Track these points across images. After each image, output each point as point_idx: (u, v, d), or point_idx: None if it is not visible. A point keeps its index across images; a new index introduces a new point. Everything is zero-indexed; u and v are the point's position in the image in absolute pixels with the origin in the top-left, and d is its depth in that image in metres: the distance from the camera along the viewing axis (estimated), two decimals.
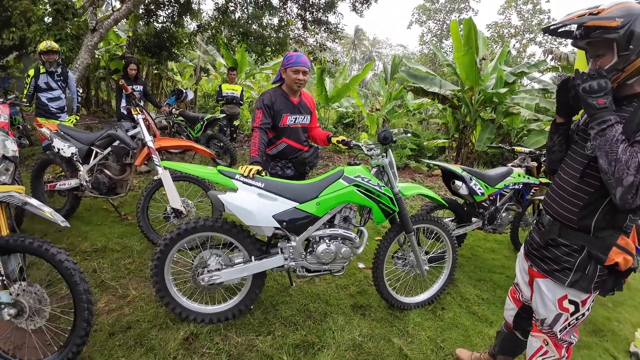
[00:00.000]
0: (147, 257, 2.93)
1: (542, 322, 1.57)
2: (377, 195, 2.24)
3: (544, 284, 1.53)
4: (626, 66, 1.28)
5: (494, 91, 7.94)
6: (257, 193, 2.07)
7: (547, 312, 1.53)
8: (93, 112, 10.60)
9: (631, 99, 1.34)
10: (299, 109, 2.57)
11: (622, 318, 3.06)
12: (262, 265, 2.13)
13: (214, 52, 13.08)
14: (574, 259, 1.43)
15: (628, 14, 1.24)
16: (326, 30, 8.54)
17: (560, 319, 1.50)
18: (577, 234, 1.43)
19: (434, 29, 30.45)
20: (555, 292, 1.49)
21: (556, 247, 1.49)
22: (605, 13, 1.27)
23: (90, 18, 6.15)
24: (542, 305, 1.54)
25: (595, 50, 1.35)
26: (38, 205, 1.67)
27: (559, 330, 1.53)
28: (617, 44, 1.26)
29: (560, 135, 1.59)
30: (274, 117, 2.47)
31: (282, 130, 2.52)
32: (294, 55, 2.41)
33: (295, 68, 2.40)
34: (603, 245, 1.38)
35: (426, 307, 2.69)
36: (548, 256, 1.52)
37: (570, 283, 1.43)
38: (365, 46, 40.09)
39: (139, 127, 3.26)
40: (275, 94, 2.50)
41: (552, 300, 1.50)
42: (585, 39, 1.33)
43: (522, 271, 1.74)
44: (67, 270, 1.67)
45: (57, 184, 3.41)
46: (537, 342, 1.61)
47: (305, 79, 2.45)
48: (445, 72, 16.27)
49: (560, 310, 1.49)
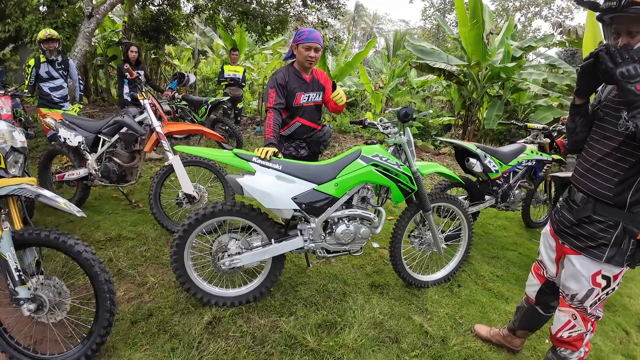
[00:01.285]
0: (162, 243, 2.94)
1: (572, 297, 1.57)
2: (395, 175, 2.20)
3: (578, 260, 1.52)
4: None
5: (502, 66, 7.76)
6: (275, 175, 2.03)
7: (579, 288, 1.53)
8: (93, 100, 10.46)
9: None
10: (312, 86, 2.51)
11: (633, 293, 3.08)
12: (282, 248, 2.13)
13: (212, 33, 12.78)
14: (609, 235, 1.42)
15: None
16: (327, 7, 8.27)
17: (592, 294, 1.51)
18: (612, 209, 1.42)
19: (437, 3, 29.58)
20: (590, 268, 1.48)
21: (591, 224, 1.48)
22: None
23: (85, 4, 5.98)
24: (575, 281, 1.54)
25: (627, 26, 1.28)
26: (52, 197, 1.63)
27: (589, 305, 1.54)
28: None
29: (582, 116, 1.55)
30: (288, 96, 2.41)
31: (295, 109, 2.47)
32: (306, 31, 2.33)
33: (307, 44, 2.32)
34: (637, 219, 1.38)
35: (443, 285, 2.70)
36: (582, 233, 1.51)
37: (607, 259, 1.43)
38: (366, 22, 39.10)
39: (146, 113, 3.19)
40: (288, 72, 2.43)
41: (586, 276, 1.49)
42: (619, 12, 1.25)
43: (548, 248, 1.73)
44: (87, 261, 1.63)
45: (65, 174, 3.38)
46: (565, 316, 1.62)
47: (317, 56, 2.38)
48: (449, 48, 15.91)
49: (593, 286, 1.49)
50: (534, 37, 9.33)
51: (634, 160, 1.35)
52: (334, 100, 2.50)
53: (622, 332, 2.53)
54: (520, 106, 9.32)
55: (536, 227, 4.21)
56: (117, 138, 3.27)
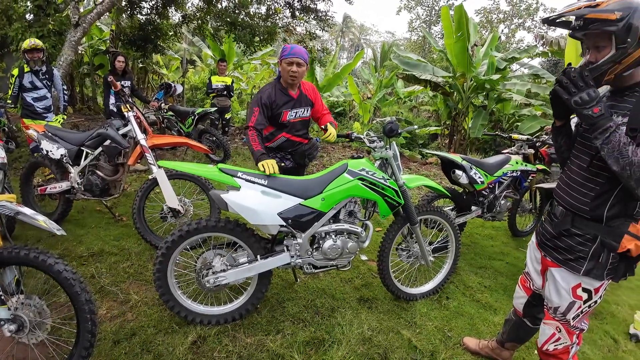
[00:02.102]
0: (146, 259, 2.87)
1: (555, 310, 1.58)
2: (382, 189, 2.20)
3: (558, 273, 1.54)
4: (623, 58, 1.29)
5: (486, 77, 7.94)
6: (260, 190, 2.01)
7: (560, 301, 1.54)
8: (79, 109, 10.30)
9: (633, 88, 1.36)
10: (299, 102, 2.51)
11: (620, 301, 3.12)
12: (268, 264, 2.09)
13: (200, 43, 12.77)
14: (587, 248, 1.45)
15: (627, 7, 1.26)
16: (315, 19, 8.36)
17: (573, 306, 1.52)
18: (589, 223, 1.45)
19: (423, 15, 30.25)
20: (570, 280, 1.50)
21: (569, 237, 1.50)
22: (604, 6, 1.28)
23: (72, 13, 5.92)
24: (556, 294, 1.55)
25: (594, 41, 1.35)
26: (31, 215, 1.59)
27: (572, 318, 1.55)
28: (616, 36, 1.27)
29: (564, 136, 1.60)
30: (273, 115, 2.41)
31: (282, 125, 2.48)
32: (289, 47, 2.36)
33: (288, 60, 2.34)
34: (615, 233, 1.40)
35: (431, 297, 2.69)
36: (562, 246, 1.53)
37: (585, 272, 1.45)
38: (354, 34, 39.68)
39: (130, 125, 3.15)
40: (274, 89, 2.44)
41: (566, 288, 1.51)
42: (583, 31, 1.33)
43: (533, 260, 1.75)
44: (67, 281, 1.59)
45: (47, 187, 3.30)
46: (549, 329, 1.62)
47: (300, 70, 2.38)
48: (435, 59, 16.22)
49: (574, 298, 1.50)
50: (517, 49, 9.59)
51: (607, 174, 1.39)
52: (325, 140, 2.49)
53: (611, 340, 2.55)
54: (505, 116, 9.52)
55: (522, 236, 4.26)
56: (100, 151, 3.21)
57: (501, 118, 9.59)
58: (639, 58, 1.30)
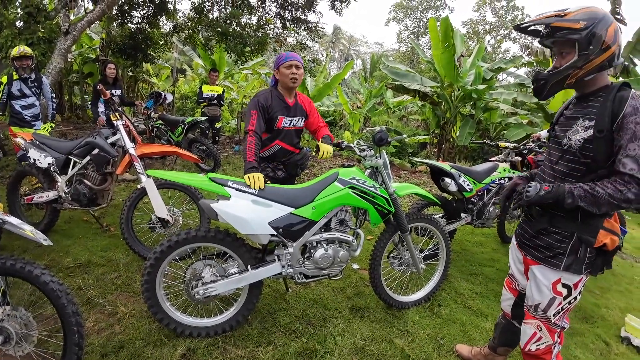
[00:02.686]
0: (134, 270, 2.82)
1: (535, 307, 1.62)
2: (372, 197, 2.21)
3: (538, 270, 1.59)
4: (585, 64, 1.40)
5: (473, 87, 8.10)
6: (251, 200, 2.00)
7: (541, 297, 1.58)
8: (67, 117, 10.16)
9: (596, 93, 1.46)
10: (294, 111, 2.53)
11: (610, 304, 3.17)
12: (259, 274, 2.07)
13: (191, 52, 12.77)
14: (565, 244, 1.51)
15: (591, 18, 1.38)
16: (306, 29, 8.46)
17: (554, 302, 1.56)
18: (566, 221, 1.51)
19: (411, 27, 30.87)
20: (550, 276, 1.55)
21: (548, 235, 1.56)
22: (570, 16, 1.40)
23: (62, 21, 5.88)
24: (537, 291, 1.59)
25: (560, 48, 1.47)
26: (18, 224, 1.56)
27: (552, 314, 1.58)
28: (578, 44, 1.38)
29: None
30: (269, 119, 2.42)
31: (276, 132, 2.48)
32: (284, 54, 2.41)
33: (287, 63, 2.39)
34: (591, 229, 1.47)
35: (423, 305, 2.70)
36: (541, 244, 1.58)
37: (565, 267, 1.51)
38: (343, 44, 40.18)
39: (119, 134, 3.11)
40: (271, 94, 2.45)
41: (546, 284, 1.56)
42: (550, 38, 1.45)
43: (516, 261, 1.80)
44: (54, 292, 1.57)
45: (34, 196, 3.23)
46: (530, 328, 1.65)
47: (300, 72, 2.43)
48: (423, 70, 16.52)
49: (554, 294, 1.55)
50: (503, 59, 9.82)
51: (577, 174, 1.48)
52: (321, 158, 2.47)
53: (602, 344, 2.58)
54: (492, 124, 9.70)
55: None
56: (88, 160, 3.17)
57: (488, 126, 9.77)
58: (600, 64, 1.40)
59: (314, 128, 2.66)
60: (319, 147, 2.44)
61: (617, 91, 1.41)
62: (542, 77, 1.48)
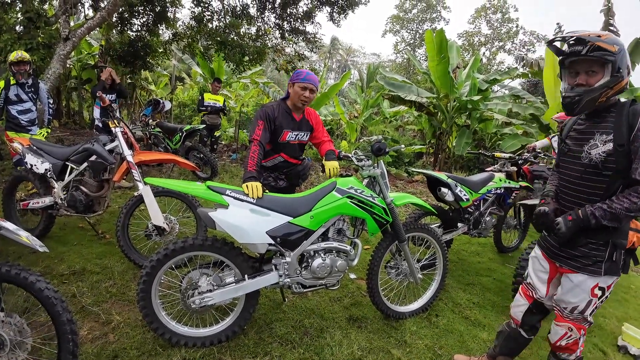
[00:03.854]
0: (129, 278, 2.79)
1: (572, 310, 1.70)
2: (370, 207, 2.22)
3: (577, 277, 1.67)
4: (615, 84, 1.51)
5: (468, 98, 8.20)
6: (249, 209, 2.00)
7: (580, 301, 1.67)
8: (64, 123, 10.14)
9: (608, 110, 1.59)
10: (300, 126, 2.57)
11: (607, 313, 3.18)
12: (256, 284, 2.06)
13: (190, 60, 12.83)
14: (603, 252, 1.60)
15: (621, 44, 1.51)
16: (304, 40, 8.55)
17: (591, 304, 1.67)
18: (600, 230, 1.59)
19: (408, 38, 31.30)
20: (589, 282, 1.64)
21: (584, 246, 1.64)
22: (606, 38, 1.51)
23: (62, 27, 5.91)
24: (574, 296, 1.68)
25: (588, 66, 1.55)
26: (14, 230, 1.56)
27: (589, 314, 1.69)
28: (612, 65, 1.50)
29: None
30: (274, 131, 2.45)
31: (281, 145, 2.52)
32: (304, 72, 2.42)
33: (303, 84, 2.40)
34: (621, 233, 1.58)
35: (421, 315, 2.69)
36: (577, 255, 1.66)
37: (604, 272, 1.61)
38: (341, 55, 40.60)
39: (117, 141, 3.11)
40: (279, 107, 2.48)
41: (585, 290, 1.65)
42: (585, 56, 1.52)
43: (538, 271, 1.87)
44: (49, 300, 1.56)
45: (30, 202, 3.21)
46: (562, 329, 1.75)
47: (312, 97, 2.45)
48: (420, 80, 16.71)
49: (592, 297, 1.65)
50: (498, 71, 10.01)
51: (603, 185, 1.57)
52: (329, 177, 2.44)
53: (600, 353, 2.58)
54: (487, 134, 9.81)
55: (508, 252, 4.33)
56: (85, 166, 3.15)
57: (484, 137, 9.87)
58: (625, 85, 1.53)
59: (317, 141, 2.70)
60: (325, 166, 2.44)
61: (630, 106, 1.53)
62: (577, 93, 1.55)
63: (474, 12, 29.07)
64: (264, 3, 8.17)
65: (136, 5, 7.98)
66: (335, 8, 8.05)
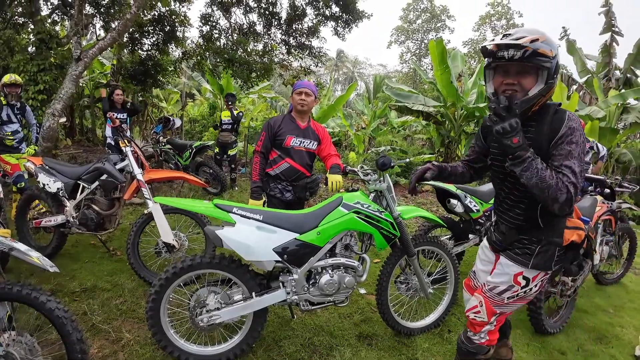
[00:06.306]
0: (139, 295, 2.80)
1: (491, 289, 1.69)
2: (377, 221, 2.20)
3: (506, 261, 1.67)
4: (548, 91, 1.43)
5: (475, 106, 8.17)
6: (255, 226, 2.01)
7: (501, 282, 1.67)
8: (77, 140, 10.39)
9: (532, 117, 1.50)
10: (305, 133, 2.68)
11: (625, 322, 3.08)
12: (263, 302, 2.05)
13: (199, 77, 13.12)
14: (534, 247, 1.61)
15: (555, 46, 1.39)
16: (310, 55, 8.68)
17: (511, 289, 1.66)
18: (531, 230, 1.60)
19: (413, 48, 31.50)
20: (514, 268, 1.64)
21: (519, 242, 1.65)
22: (544, 41, 1.37)
23: (74, 47, 6.10)
24: (498, 276, 1.69)
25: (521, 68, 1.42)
26: (25, 251, 1.60)
27: (507, 297, 1.67)
28: (549, 72, 1.39)
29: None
30: (278, 137, 2.60)
31: (285, 150, 2.61)
32: (298, 82, 2.67)
33: (298, 90, 2.61)
34: (556, 231, 1.58)
35: (433, 331, 2.63)
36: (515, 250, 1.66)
37: (532, 265, 1.61)
38: (347, 67, 41.02)
39: (128, 160, 3.17)
40: (283, 117, 2.69)
41: (509, 273, 1.65)
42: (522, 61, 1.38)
43: (485, 262, 1.86)
44: (59, 320, 1.59)
45: (42, 220, 3.27)
46: (474, 300, 1.75)
47: (309, 100, 2.62)
48: (426, 90, 16.72)
49: (514, 283, 1.65)
50: None
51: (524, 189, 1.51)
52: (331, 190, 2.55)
53: None
54: None
55: None
56: (96, 185, 3.22)
57: None
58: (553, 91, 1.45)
59: (324, 155, 2.77)
60: (327, 179, 2.49)
61: (554, 113, 1.47)
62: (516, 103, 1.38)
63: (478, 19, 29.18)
64: (270, 20, 8.35)
65: (146, 25, 8.24)
66: (340, 23, 8.18)
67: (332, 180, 2.49)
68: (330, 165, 2.64)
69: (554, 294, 2.85)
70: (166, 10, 8.32)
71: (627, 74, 9.66)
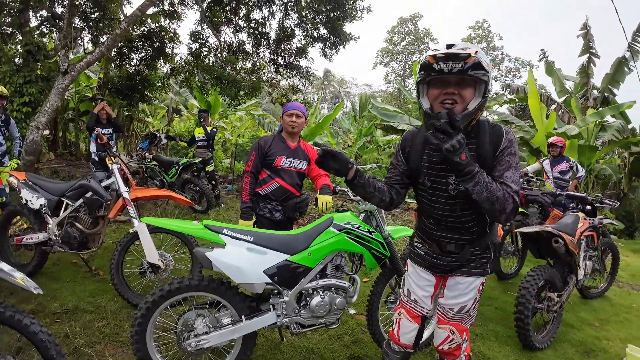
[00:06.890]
0: (123, 318, 2.71)
1: (459, 310, 1.67)
2: (368, 241, 2.22)
3: (466, 279, 1.65)
4: (484, 105, 1.44)
5: None
6: (246, 247, 1.99)
7: (469, 299, 1.66)
8: (60, 154, 10.13)
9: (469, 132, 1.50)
10: (295, 153, 2.70)
11: (610, 335, 3.15)
12: (253, 325, 2.01)
13: (187, 93, 13.12)
14: (488, 253, 1.65)
15: (488, 60, 1.40)
16: (298, 74, 8.82)
17: (475, 301, 1.69)
18: (480, 240, 1.62)
19: (398, 69, 32.41)
20: (477, 282, 1.66)
21: (471, 254, 1.64)
22: (480, 54, 1.36)
23: (62, 60, 6.04)
24: (464, 295, 1.66)
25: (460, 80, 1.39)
26: (9, 271, 1.55)
27: (472, 309, 1.69)
28: (486, 85, 1.39)
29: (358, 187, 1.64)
30: (268, 157, 2.62)
31: (275, 170, 2.63)
32: (289, 104, 2.70)
33: (289, 112, 2.65)
34: (495, 232, 1.67)
35: (424, 350, 2.62)
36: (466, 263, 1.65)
37: (491, 270, 1.66)
38: (334, 86, 41.75)
39: (114, 177, 3.12)
40: (273, 138, 2.71)
41: (475, 288, 1.66)
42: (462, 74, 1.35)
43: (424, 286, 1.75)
44: (42, 343, 1.53)
45: (23, 237, 3.17)
46: (444, 332, 1.71)
47: (298, 121, 2.65)
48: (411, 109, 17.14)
49: (477, 294, 1.68)
50: None
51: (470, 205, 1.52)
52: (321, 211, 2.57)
53: None
54: None
55: (508, 278, 4.33)
56: (81, 202, 3.14)
57: None
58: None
59: (314, 175, 2.79)
60: (318, 200, 2.51)
61: (491, 127, 1.51)
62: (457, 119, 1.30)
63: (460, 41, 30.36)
64: (259, 39, 8.49)
65: (135, 40, 8.25)
66: (327, 44, 8.39)
67: (323, 201, 2.52)
68: (320, 185, 2.67)
69: (540, 310, 2.90)
70: (156, 26, 8.37)
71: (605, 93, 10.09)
